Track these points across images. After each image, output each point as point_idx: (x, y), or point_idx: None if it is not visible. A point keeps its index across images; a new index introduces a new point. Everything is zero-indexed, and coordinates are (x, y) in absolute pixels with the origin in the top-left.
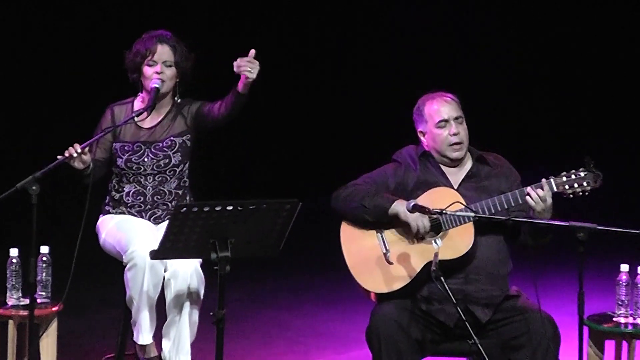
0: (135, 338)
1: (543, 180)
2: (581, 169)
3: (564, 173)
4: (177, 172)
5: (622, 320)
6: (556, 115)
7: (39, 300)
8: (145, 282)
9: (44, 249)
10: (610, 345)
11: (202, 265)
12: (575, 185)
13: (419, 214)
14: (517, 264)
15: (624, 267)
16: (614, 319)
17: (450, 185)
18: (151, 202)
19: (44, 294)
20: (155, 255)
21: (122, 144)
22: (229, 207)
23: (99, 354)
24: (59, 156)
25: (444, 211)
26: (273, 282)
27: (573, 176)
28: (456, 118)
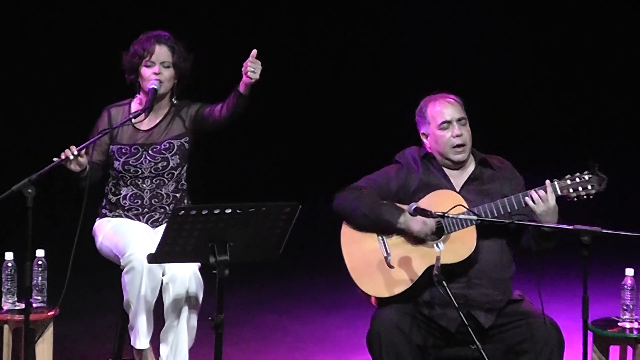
0: (132, 343)
1: (547, 181)
2: (586, 172)
3: (568, 176)
4: (175, 174)
5: (627, 325)
6: (561, 118)
7: (34, 305)
8: (142, 286)
9: (40, 252)
10: (615, 351)
11: (200, 269)
12: (580, 189)
13: (421, 222)
14: (520, 267)
15: (629, 271)
16: (619, 323)
17: (452, 187)
18: (149, 205)
19: (39, 298)
20: (152, 259)
21: (119, 146)
22: (228, 210)
23: (95, 359)
24: (55, 158)
25: (445, 214)
26: (272, 287)
27: (577, 179)
28: (459, 119)
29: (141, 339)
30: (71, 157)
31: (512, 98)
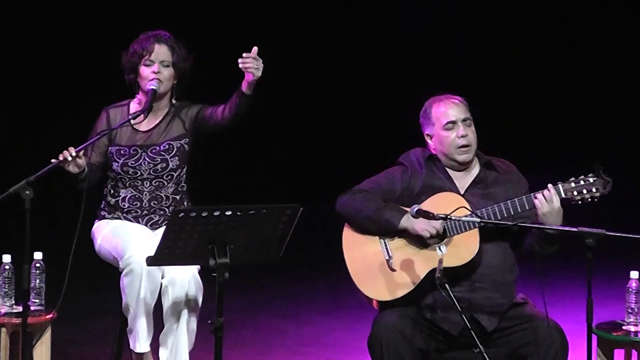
0: (131, 346)
1: (549, 185)
2: (590, 174)
3: (572, 179)
4: (175, 176)
5: (632, 328)
6: (566, 120)
7: (32, 308)
8: (142, 289)
9: (38, 255)
10: (619, 355)
11: (200, 271)
12: (584, 192)
13: (426, 222)
14: (523, 270)
15: (634, 274)
16: (624, 327)
17: (456, 190)
18: (148, 208)
19: (37, 301)
20: (152, 261)
21: (118, 147)
22: (228, 212)
23: None
24: (53, 160)
25: (448, 216)
26: (273, 290)
27: (582, 182)
28: (464, 120)
29: (141, 343)
30: (69, 158)
31: (516, 99)
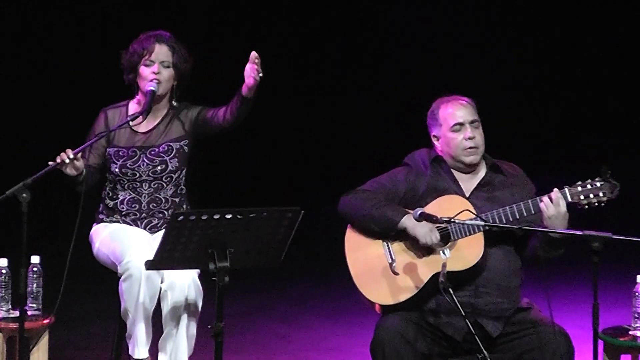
0: (130, 352)
1: (555, 189)
2: (597, 178)
3: (579, 183)
4: (174, 178)
5: (639, 333)
6: (572, 123)
7: (29, 313)
8: (140, 293)
9: (35, 259)
10: None
11: (200, 276)
12: (591, 196)
13: (428, 229)
14: (528, 275)
15: None
16: (630, 332)
17: (461, 192)
18: (147, 210)
19: (34, 305)
20: (151, 265)
21: (116, 149)
22: (228, 216)
23: None
24: (50, 162)
25: (452, 220)
26: (274, 294)
27: (589, 186)
28: (472, 122)
29: (140, 348)
30: (67, 160)
31: (522, 101)
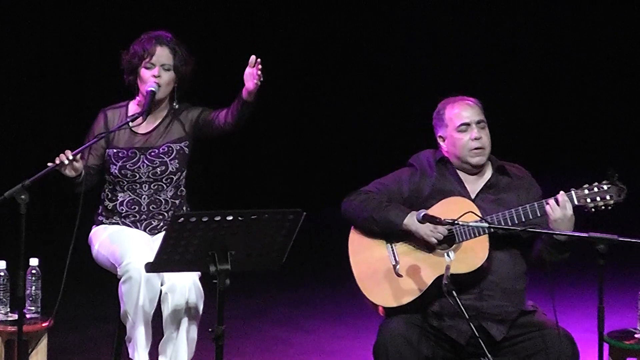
0: (130, 355)
1: (561, 192)
2: (604, 181)
3: (586, 185)
4: (174, 180)
5: None
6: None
7: (28, 316)
8: (140, 296)
9: (33, 261)
10: None
11: (200, 278)
12: (598, 199)
13: (432, 226)
14: (533, 277)
15: None
16: (636, 335)
17: (467, 194)
18: (146, 212)
19: (33, 308)
20: (151, 268)
21: (115, 150)
22: (229, 217)
23: None
24: (49, 163)
25: (456, 221)
26: (275, 297)
27: (595, 189)
28: (478, 122)
29: (139, 352)
30: (66, 162)
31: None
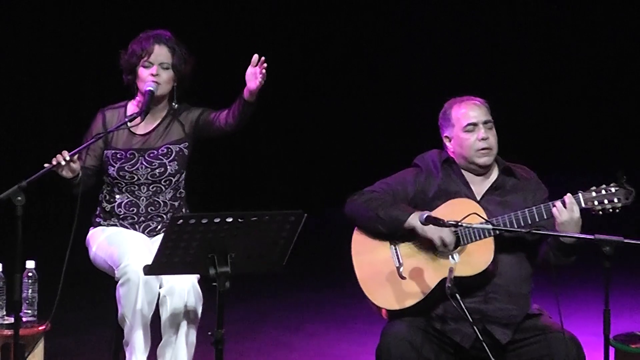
0: (127, 359)
1: (568, 194)
2: (612, 184)
3: (593, 188)
4: (173, 182)
5: None
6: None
7: (24, 319)
8: (138, 299)
9: (30, 264)
10: None
11: (199, 281)
12: (605, 202)
13: (438, 229)
14: (538, 280)
15: None
16: None
17: (472, 195)
18: (145, 214)
19: (29, 312)
20: (149, 270)
21: (114, 151)
22: (229, 219)
23: None
24: (46, 164)
25: (459, 223)
26: (276, 300)
27: (603, 192)
28: (485, 122)
29: (137, 356)
30: (63, 162)
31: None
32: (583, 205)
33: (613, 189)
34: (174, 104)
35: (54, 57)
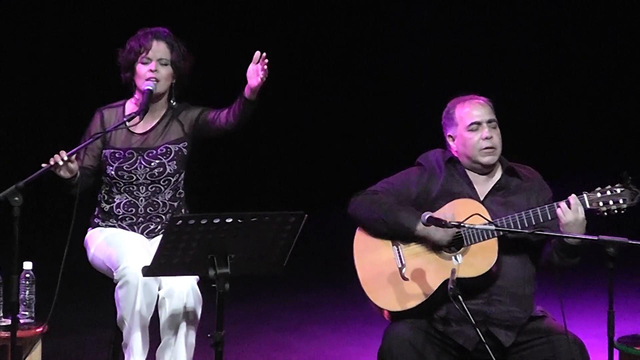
0: None
1: (572, 195)
2: (618, 184)
3: (598, 189)
4: (172, 182)
5: None
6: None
7: (21, 321)
8: (137, 301)
9: (27, 265)
10: None
11: (199, 282)
12: (610, 203)
13: (443, 230)
14: (542, 282)
15: None
16: None
17: (476, 196)
18: (144, 215)
19: (27, 314)
20: (148, 272)
21: (112, 150)
22: (229, 220)
23: None
24: (43, 164)
25: (462, 224)
26: (276, 302)
27: (608, 192)
28: (489, 121)
29: (136, 358)
30: (61, 162)
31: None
32: (587, 206)
33: (618, 190)
34: (172, 102)
35: (52, 57)
